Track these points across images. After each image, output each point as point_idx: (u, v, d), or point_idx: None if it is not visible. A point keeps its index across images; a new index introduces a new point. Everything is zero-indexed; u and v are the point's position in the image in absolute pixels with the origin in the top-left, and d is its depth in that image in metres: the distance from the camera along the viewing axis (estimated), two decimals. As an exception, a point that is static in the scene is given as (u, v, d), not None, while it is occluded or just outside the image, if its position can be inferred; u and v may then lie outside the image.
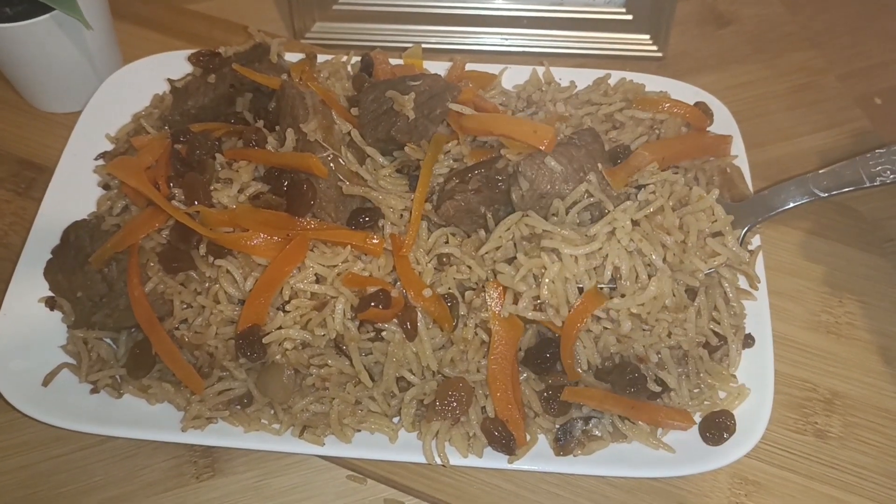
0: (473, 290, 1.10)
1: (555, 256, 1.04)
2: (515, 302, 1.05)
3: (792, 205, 1.16)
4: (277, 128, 1.18)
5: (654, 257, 1.05)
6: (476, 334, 1.07)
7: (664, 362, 1.07)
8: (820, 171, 1.17)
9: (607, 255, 1.05)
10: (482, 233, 1.13)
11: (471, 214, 1.12)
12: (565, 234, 1.05)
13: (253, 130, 1.17)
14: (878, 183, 1.13)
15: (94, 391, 1.11)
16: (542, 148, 1.10)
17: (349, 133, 1.18)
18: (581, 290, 1.05)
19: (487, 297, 1.06)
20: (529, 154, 1.11)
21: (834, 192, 1.15)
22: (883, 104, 1.56)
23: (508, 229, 1.09)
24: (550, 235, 1.04)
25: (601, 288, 1.05)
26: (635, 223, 1.07)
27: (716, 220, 1.10)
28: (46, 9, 1.28)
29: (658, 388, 1.05)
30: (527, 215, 1.08)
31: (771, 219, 1.18)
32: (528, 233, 1.08)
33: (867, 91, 1.57)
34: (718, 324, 1.09)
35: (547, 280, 1.03)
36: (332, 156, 1.12)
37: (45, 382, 1.11)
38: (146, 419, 1.09)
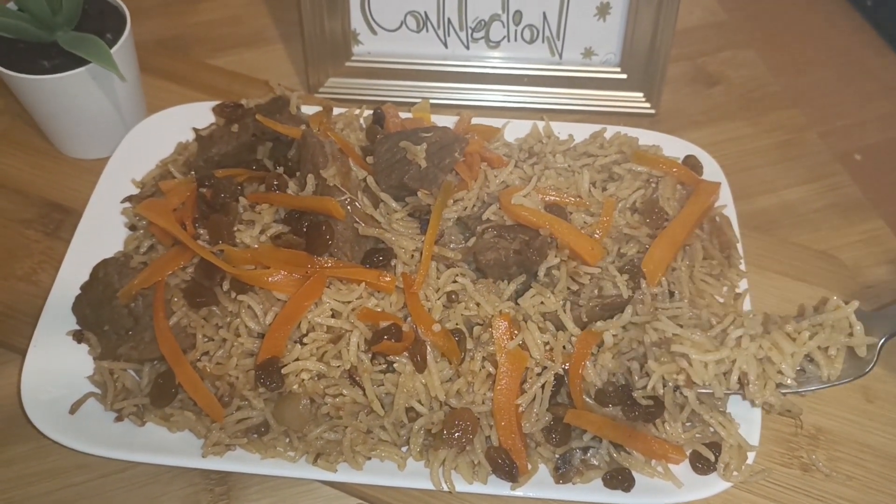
0: (481, 325, 1.17)
1: (685, 362, 1.08)
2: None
3: None
4: (298, 174, 1.26)
5: (783, 367, 1.06)
6: (483, 367, 1.14)
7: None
8: None
9: (735, 361, 1.07)
10: (500, 284, 1.22)
11: (503, 268, 1.20)
12: (696, 339, 1.08)
13: (274, 176, 1.25)
14: None
15: (119, 419, 1.16)
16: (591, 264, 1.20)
17: (364, 179, 1.27)
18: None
19: (494, 331, 1.13)
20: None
21: None
22: (862, 160, 1.65)
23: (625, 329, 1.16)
24: (681, 340, 1.08)
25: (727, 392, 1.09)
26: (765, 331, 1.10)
27: (851, 335, 1.09)
28: (81, 62, 1.36)
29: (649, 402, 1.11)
30: (657, 319, 1.11)
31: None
32: (656, 338, 1.11)
33: (847, 148, 1.67)
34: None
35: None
36: (349, 199, 1.20)
37: (72, 410, 1.15)
38: (167, 446, 1.14)
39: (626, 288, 1.19)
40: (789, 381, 1.07)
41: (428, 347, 1.13)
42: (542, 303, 1.19)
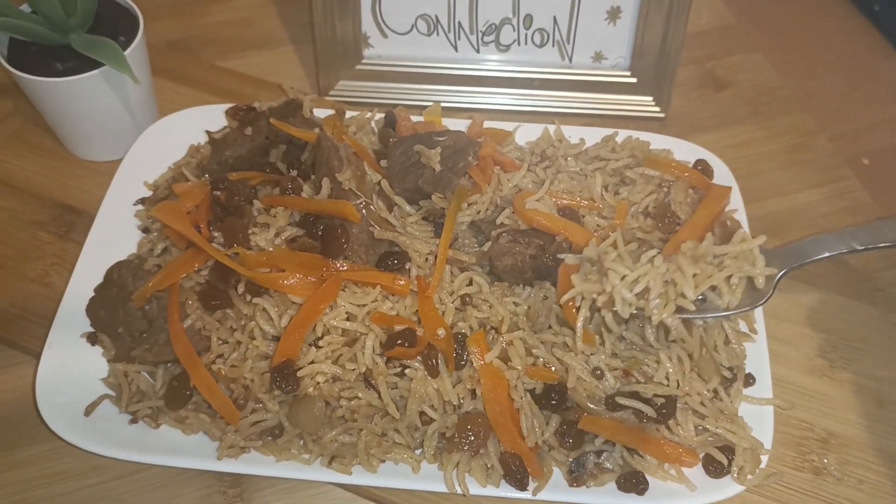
0: (495, 328, 1.17)
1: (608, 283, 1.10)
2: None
3: (828, 254, 1.17)
4: (313, 177, 1.26)
5: (685, 287, 1.08)
6: (473, 375, 1.14)
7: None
8: (859, 227, 1.19)
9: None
10: (516, 288, 1.23)
11: (519, 273, 1.21)
12: (623, 254, 1.11)
13: (289, 179, 1.25)
14: None
15: (133, 421, 1.16)
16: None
17: (379, 183, 1.27)
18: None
19: (469, 352, 1.14)
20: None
21: (870, 247, 1.16)
22: (870, 164, 1.66)
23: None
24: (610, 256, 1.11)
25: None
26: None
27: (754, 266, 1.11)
28: (95, 64, 1.37)
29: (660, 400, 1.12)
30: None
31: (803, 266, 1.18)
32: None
33: (856, 152, 1.67)
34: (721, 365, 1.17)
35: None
36: (364, 203, 1.20)
37: (87, 412, 1.16)
38: (181, 448, 1.14)
39: None
40: (688, 304, 1.08)
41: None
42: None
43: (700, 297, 1.10)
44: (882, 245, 1.16)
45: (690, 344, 1.14)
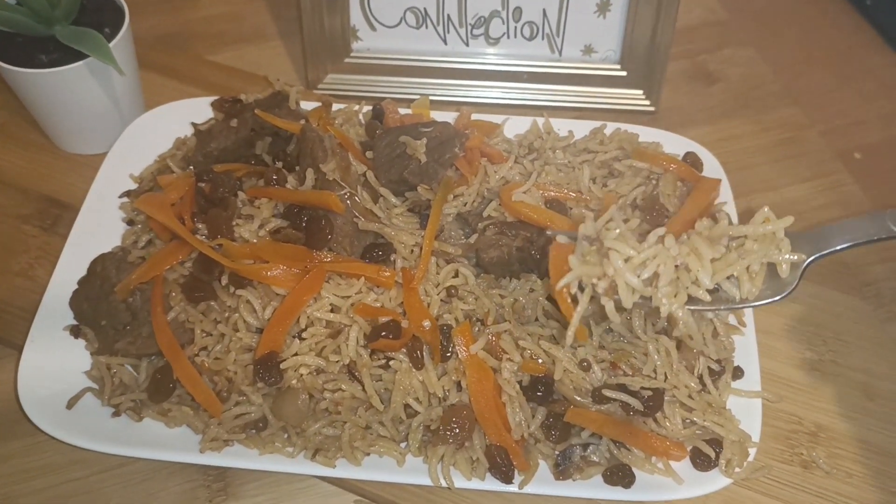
0: (481, 320, 1.16)
1: (610, 267, 0.97)
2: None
3: (864, 240, 1.02)
4: (297, 168, 1.25)
5: (700, 274, 0.94)
6: (459, 367, 1.13)
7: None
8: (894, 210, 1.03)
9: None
10: (502, 281, 1.22)
11: (506, 265, 1.20)
12: (626, 232, 0.98)
13: (274, 171, 1.24)
14: None
15: (116, 414, 1.15)
16: None
17: (364, 174, 1.26)
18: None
19: (455, 344, 1.12)
20: None
21: None
22: (862, 158, 1.65)
23: None
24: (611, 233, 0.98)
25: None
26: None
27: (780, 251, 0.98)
28: (79, 56, 1.36)
29: (647, 393, 1.11)
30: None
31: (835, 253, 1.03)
32: None
33: (847, 146, 1.66)
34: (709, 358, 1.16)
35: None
36: (348, 194, 1.20)
37: (69, 405, 1.15)
38: (164, 442, 1.13)
39: None
40: (702, 294, 0.95)
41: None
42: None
43: (714, 287, 0.97)
44: None
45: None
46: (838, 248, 1.03)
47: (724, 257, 0.96)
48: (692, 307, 0.98)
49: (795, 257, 1.00)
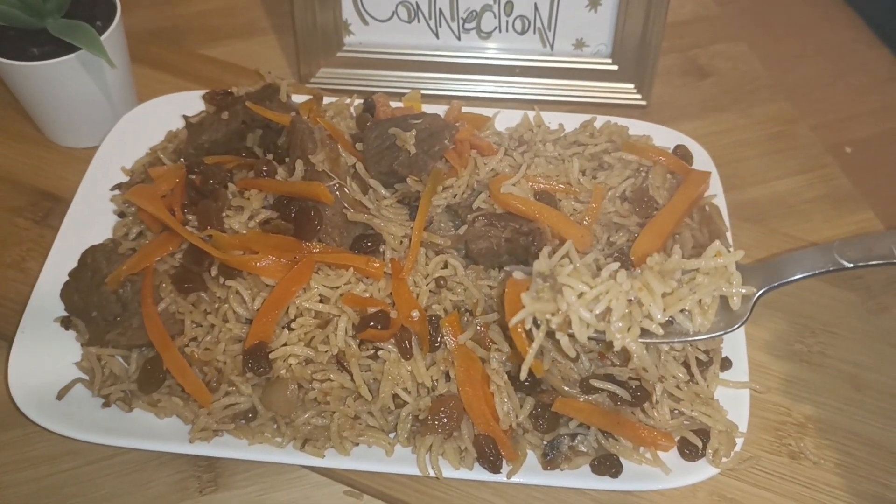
0: (469, 311, 1.17)
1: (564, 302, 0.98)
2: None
3: (812, 273, 1.05)
4: (287, 160, 1.26)
5: (652, 308, 0.97)
6: (448, 357, 1.14)
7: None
8: (846, 241, 1.07)
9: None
10: (491, 272, 1.22)
11: (495, 256, 1.21)
12: (580, 267, 1.00)
13: (264, 162, 1.25)
14: None
15: (106, 405, 1.15)
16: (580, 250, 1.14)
17: (354, 166, 1.27)
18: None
19: (443, 334, 1.13)
20: None
21: (861, 264, 1.04)
22: (853, 153, 1.65)
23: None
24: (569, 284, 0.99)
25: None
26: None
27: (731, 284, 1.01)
28: (71, 49, 1.36)
29: (634, 384, 1.11)
30: None
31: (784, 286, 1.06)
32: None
33: (838, 140, 1.67)
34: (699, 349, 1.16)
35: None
36: (337, 185, 1.20)
37: (60, 396, 1.15)
38: (155, 432, 1.14)
39: None
40: (655, 328, 0.97)
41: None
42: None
43: (668, 319, 0.99)
44: (873, 263, 1.04)
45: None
46: (788, 280, 1.06)
47: (676, 291, 0.99)
48: (645, 340, 1.00)
49: (745, 290, 1.02)
